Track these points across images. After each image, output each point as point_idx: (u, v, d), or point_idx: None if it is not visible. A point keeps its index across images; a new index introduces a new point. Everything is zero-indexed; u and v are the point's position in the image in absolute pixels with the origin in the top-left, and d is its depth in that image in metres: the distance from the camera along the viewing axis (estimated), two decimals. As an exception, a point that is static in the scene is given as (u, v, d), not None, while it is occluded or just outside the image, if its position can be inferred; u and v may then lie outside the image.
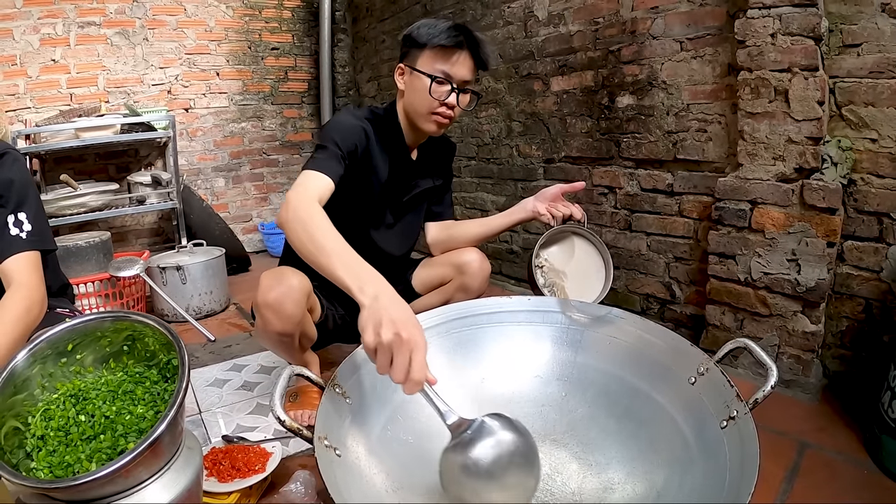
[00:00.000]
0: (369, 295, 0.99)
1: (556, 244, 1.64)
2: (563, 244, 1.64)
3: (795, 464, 1.43)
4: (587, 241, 1.64)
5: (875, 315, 1.67)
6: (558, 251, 1.63)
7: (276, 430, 1.65)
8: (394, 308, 0.97)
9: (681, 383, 1.16)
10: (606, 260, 1.59)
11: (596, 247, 1.62)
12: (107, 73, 3.57)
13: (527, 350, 1.43)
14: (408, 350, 0.92)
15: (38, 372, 1.00)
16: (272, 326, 1.45)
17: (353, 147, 1.50)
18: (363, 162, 1.55)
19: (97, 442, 0.92)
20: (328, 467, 0.90)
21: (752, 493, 0.81)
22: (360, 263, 1.08)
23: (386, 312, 0.95)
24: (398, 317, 0.95)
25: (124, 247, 3.71)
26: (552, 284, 1.54)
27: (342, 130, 1.50)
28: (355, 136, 1.51)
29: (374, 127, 1.59)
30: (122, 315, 1.04)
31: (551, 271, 1.57)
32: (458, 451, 0.97)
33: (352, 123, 1.53)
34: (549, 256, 1.61)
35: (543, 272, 1.57)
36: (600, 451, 1.22)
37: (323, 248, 1.12)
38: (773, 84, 1.70)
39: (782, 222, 1.73)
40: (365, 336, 0.95)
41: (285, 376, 1.03)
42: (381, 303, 0.97)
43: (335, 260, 1.09)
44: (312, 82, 4.35)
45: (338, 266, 1.07)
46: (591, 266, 1.60)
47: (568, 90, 2.51)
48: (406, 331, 0.93)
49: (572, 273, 1.59)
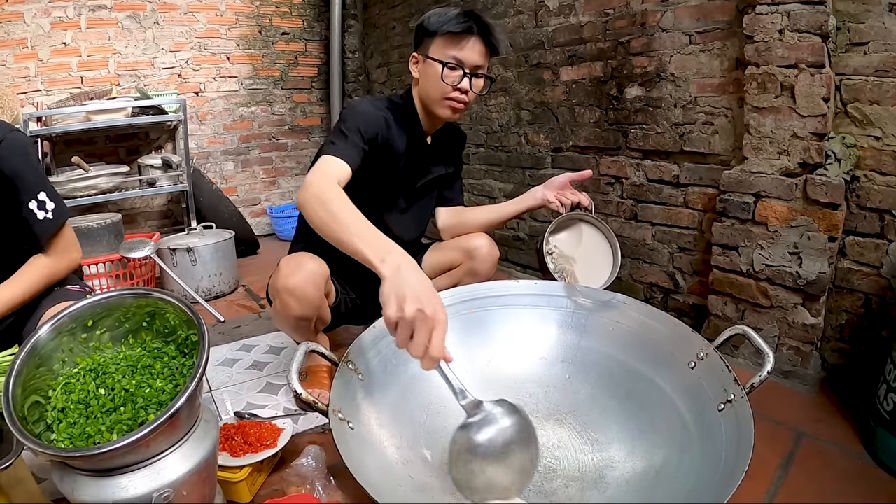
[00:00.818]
0: (391, 265, 1.00)
1: (565, 231, 1.67)
2: (571, 231, 1.67)
3: (791, 452, 1.45)
4: (595, 227, 1.67)
5: (874, 310, 1.69)
6: (567, 238, 1.66)
7: (286, 407, 1.69)
8: (415, 281, 0.97)
9: (681, 368, 1.20)
10: (614, 246, 1.63)
11: (603, 233, 1.66)
12: (118, 56, 3.58)
13: (532, 333, 1.47)
14: (429, 327, 0.93)
15: (59, 346, 1.02)
16: (292, 311, 1.48)
17: (375, 136, 1.52)
18: (383, 149, 1.57)
19: (117, 414, 0.95)
20: (343, 439, 0.94)
21: (746, 471, 0.85)
22: (379, 237, 1.09)
23: (409, 287, 0.95)
24: (421, 291, 0.95)
25: (134, 229, 3.73)
26: (562, 270, 1.57)
27: (365, 120, 1.51)
28: (377, 126, 1.53)
29: (394, 115, 1.61)
30: (143, 293, 1.07)
31: (561, 257, 1.60)
32: (470, 430, 1.01)
33: (374, 113, 1.55)
34: (559, 243, 1.64)
35: (553, 258, 1.60)
36: (602, 430, 1.26)
37: (343, 224, 1.13)
38: (780, 79, 1.70)
39: (785, 216, 1.74)
40: (387, 310, 0.96)
41: (301, 351, 1.06)
42: (402, 275, 0.98)
43: (355, 235, 1.10)
44: (322, 67, 4.34)
45: (358, 240, 1.08)
46: (599, 252, 1.63)
47: (577, 80, 2.52)
48: (430, 307, 0.94)
49: (581, 259, 1.62)
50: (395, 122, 1.60)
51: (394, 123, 1.60)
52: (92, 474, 0.89)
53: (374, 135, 1.52)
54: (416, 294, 0.94)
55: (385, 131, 1.56)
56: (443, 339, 0.95)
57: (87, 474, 0.89)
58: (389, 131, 1.58)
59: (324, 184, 1.26)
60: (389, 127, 1.58)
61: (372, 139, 1.51)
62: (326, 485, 1.23)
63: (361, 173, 1.46)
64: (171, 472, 0.92)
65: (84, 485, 0.89)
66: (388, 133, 1.58)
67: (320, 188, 1.24)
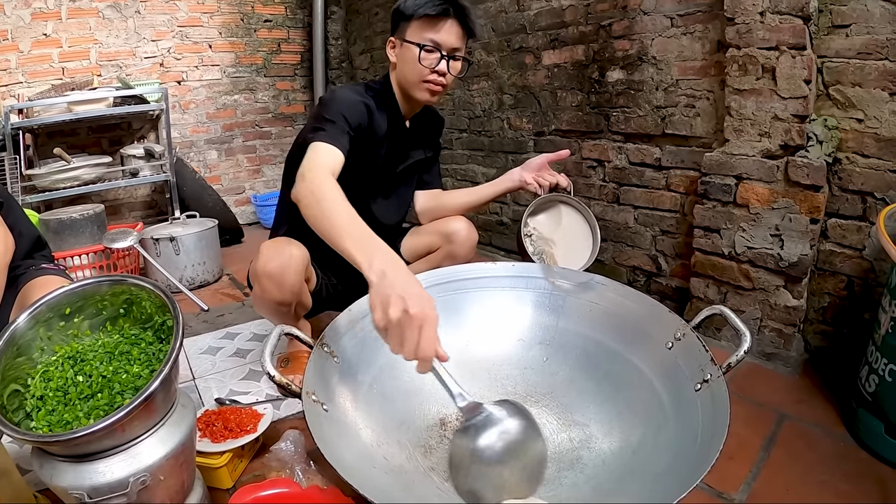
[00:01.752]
0: (377, 272, 0.99)
1: (544, 213, 1.67)
2: (550, 213, 1.67)
3: (773, 433, 1.46)
4: (574, 209, 1.67)
5: (856, 292, 1.70)
6: (546, 220, 1.66)
7: (267, 393, 1.69)
8: (401, 283, 0.96)
9: (658, 348, 1.20)
10: (593, 227, 1.62)
11: (583, 214, 1.65)
12: (99, 46, 3.54)
13: (510, 314, 1.46)
14: (417, 326, 0.93)
15: (37, 335, 1.02)
16: (271, 295, 1.49)
17: (359, 123, 1.51)
18: (367, 137, 1.57)
19: (95, 400, 0.95)
20: (316, 421, 0.94)
21: (721, 448, 0.85)
22: (370, 238, 1.08)
23: (393, 290, 0.95)
24: (406, 292, 0.94)
25: (118, 220, 3.71)
26: (541, 252, 1.57)
27: (349, 107, 1.50)
28: (359, 112, 1.53)
29: (374, 101, 1.61)
30: (118, 279, 1.06)
31: (540, 239, 1.60)
32: (469, 435, 1.01)
33: (356, 99, 1.54)
34: (538, 225, 1.64)
35: (532, 240, 1.59)
36: (580, 411, 1.26)
37: (335, 224, 1.12)
38: (761, 62, 1.71)
39: (767, 198, 1.75)
40: (374, 316, 0.96)
41: (275, 334, 1.06)
42: (388, 279, 0.97)
43: (346, 236, 1.09)
44: (305, 55, 4.32)
45: (348, 242, 1.08)
46: (579, 233, 1.63)
47: (559, 64, 2.51)
48: (415, 306, 0.93)
49: (560, 240, 1.61)
50: (375, 108, 1.60)
51: (374, 109, 1.59)
52: (69, 460, 0.89)
53: (359, 121, 1.52)
54: (401, 295, 0.94)
55: (367, 117, 1.56)
56: (432, 338, 0.95)
57: (65, 460, 0.90)
58: (371, 117, 1.58)
59: (319, 177, 1.25)
60: (371, 113, 1.58)
61: (357, 126, 1.50)
62: (306, 469, 1.23)
63: (348, 160, 1.46)
64: (147, 456, 0.92)
65: (62, 471, 0.89)
66: (370, 119, 1.58)
67: (315, 183, 1.24)
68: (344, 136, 1.43)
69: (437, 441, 1.21)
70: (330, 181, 1.25)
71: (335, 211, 1.15)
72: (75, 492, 0.88)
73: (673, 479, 0.89)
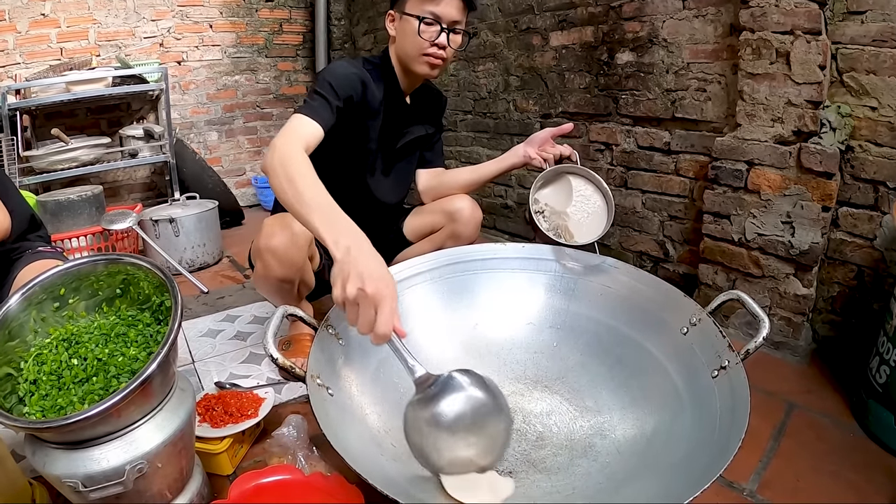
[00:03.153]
0: (342, 248, 0.99)
1: (552, 186, 1.62)
2: (558, 186, 1.62)
3: (783, 423, 1.45)
4: (582, 178, 1.62)
5: (867, 282, 1.68)
6: (556, 194, 1.61)
7: (269, 377, 1.67)
8: (363, 261, 0.97)
9: (673, 333, 1.17)
10: (605, 192, 1.57)
11: (592, 182, 1.60)
12: (97, 26, 3.48)
13: (520, 297, 1.44)
14: (372, 304, 0.94)
15: (31, 317, 1.00)
16: (273, 272, 1.47)
17: (350, 95, 1.48)
18: (360, 109, 1.54)
19: (89, 384, 0.93)
20: (321, 406, 0.91)
21: (743, 439, 0.82)
22: (337, 215, 1.08)
23: (354, 267, 0.96)
24: (366, 271, 0.95)
25: (117, 202, 3.67)
26: (556, 227, 1.52)
27: (339, 78, 1.48)
28: (352, 85, 1.50)
29: (371, 74, 1.58)
30: (114, 258, 1.04)
31: (553, 214, 1.55)
32: (422, 405, 0.99)
33: (349, 72, 1.52)
34: (548, 200, 1.59)
35: (545, 217, 1.55)
36: (592, 397, 1.24)
37: (303, 198, 1.11)
38: (776, 46, 1.67)
39: (778, 184, 1.72)
40: (334, 292, 0.97)
41: (278, 314, 1.04)
42: (351, 256, 0.98)
43: (314, 210, 1.08)
44: (307, 35, 4.26)
45: (316, 217, 1.07)
46: (591, 202, 1.58)
47: (567, 45, 2.47)
48: (371, 285, 0.94)
49: (574, 212, 1.56)
50: (372, 81, 1.57)
51: (371, 82, 1.56)
52: (63, 447, 0.87)
53: (350, 93, 1.49)
54: (360, 273, 0.95)
55: (361, 90, 1.53)
56: (389, 316, 0.95)
57: (59, 447, 0.87)
58: (366, 90, 1.55)
59: (289, 149, 1.23)
60: (366, 85, 1.55)
61: (347, 97, 1.48)
62: (308, 455, 1.21)
63: (338, 133, 1.45)
64: (144, 442, 0.90)
65: (55, 458, 0.87)
66: (365, 92, 1.55)
67: (285, 154, 1.21)
68: (327, 110, 1.41)
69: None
70: (300, 154, 1.22)
71: (304, 184, 1.14)
72: (69, 480, 0.85)
73: (689, 470, 0.87)
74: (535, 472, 1.09)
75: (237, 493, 1.06)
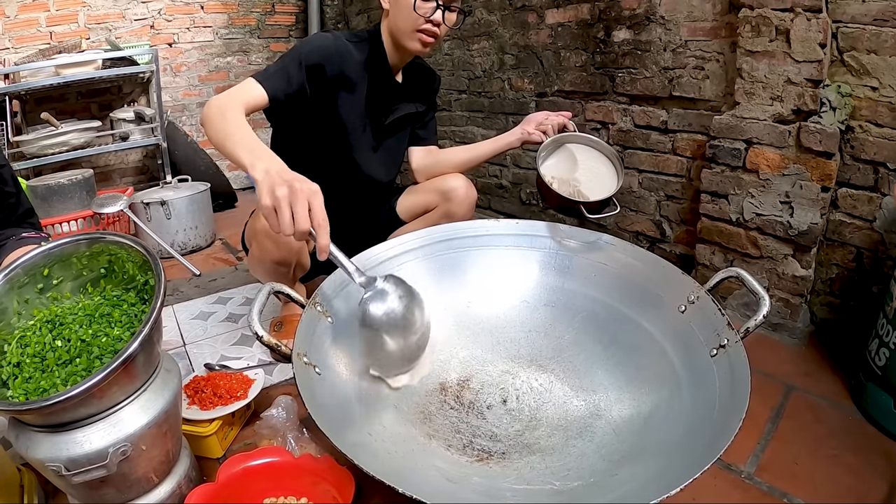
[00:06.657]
0: (261, 169, 1.02)
1: (555, 158, 1.61)
2: (561, 155, 1.61)
3: (781, 405, 1.44)
4: (583, 145, 1.61)
5: (865, 265, 1.66)
6: (561, 162, 1.60)
7: (259, 358, 1.65)
8: (285, 173, 1.01)
9: (670, 311, 1.16)
10: (610, 153, 1.57)
11: (594, 147, 1.60)
12: (87, 9, 3.44)
13: (514, 275, 1.42)
14: (305, 198, 0.96)
15: (14, 299, 0.98)
16: (270, 255, 1.46)
17: (319, 64, 1.46)
18: (336, 80, 1.52)
19: (73, 366, 0.91)
20: (307, 385, 0.89)
21: (743, 419, 0.81)
22: (260, 146, 1.12)
23: (278, 176, 0.99)
24: (290, 176, 0.99)
25: (109, 186, 3.64)
26: (569, 193, 1.51)
27: (310, 48, 1.46)
28: (325, 55, 1.47)
29: (356, 46, 1.56)
30: (97, 237, 1.02)
31: (564, 183, 1.54)
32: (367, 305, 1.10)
33: (324, 43, 1.49)
34: (556, 171, 1.57)
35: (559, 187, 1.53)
36: (587, 377, 1.22)
37: (229, 135, 1.16)
38: (775, 23, 1.64)
39: (777, 164, 1.70)
40: (262, 202, 0.98)
41: (264, 292, 1.03)
42: (272, 173, 1.00)
43: (238, 143, 1.13)
44: (300, 16, 4.21)
45: (239, 147, 1.12)
46: (597, 163, 1.58)
47: (563, 23, 2.43)
48: (299, 183, 0.97)
49: (583, 177, 1.55)
50: (354, 53, 1.55)
51: (350, 54, 1.54)
52: (46, 430, 0.85)
53: (319, 62, 1.46)
54: (285, 179, 0.98)
55: (337, 61, 1.50)
56: (322, 207, 0.98)
57: (41, 430, 0.85)
58: (343, 61, 1.52)
59: (224, 102, 1.27)
60: (343, 57, 1.52)
61: (315, 66, 1.46)
62: (298, 437, 1.19)
63: (312, 103, 1.46)
64: (128, 424, 0.88)
65: (38, 442, 0.85)
66: (342, 63, 1.52)
67: (220, 106, 1.25)
68: (282, 79, 1.41)
69: (437, 407, 1.17)
70: (234, 107, 1.26)
71: (232, 124, 1.19)
72: (52, 464, 0.84)
73: (688, 451, 0.85)
74: (529, 454, 1.08)
75: (226, 476, 1.05)
